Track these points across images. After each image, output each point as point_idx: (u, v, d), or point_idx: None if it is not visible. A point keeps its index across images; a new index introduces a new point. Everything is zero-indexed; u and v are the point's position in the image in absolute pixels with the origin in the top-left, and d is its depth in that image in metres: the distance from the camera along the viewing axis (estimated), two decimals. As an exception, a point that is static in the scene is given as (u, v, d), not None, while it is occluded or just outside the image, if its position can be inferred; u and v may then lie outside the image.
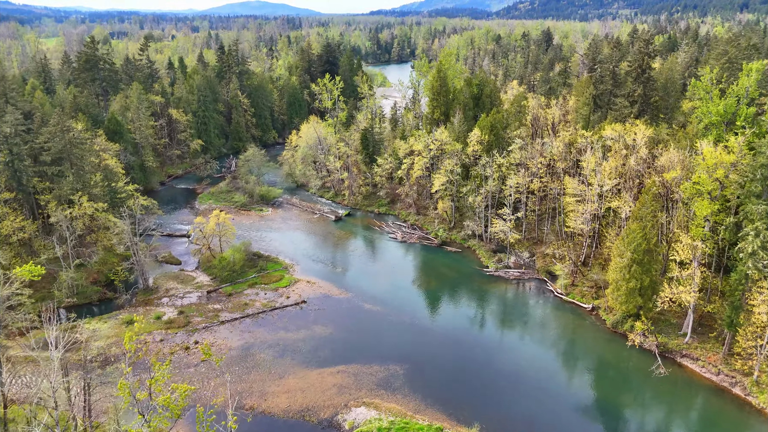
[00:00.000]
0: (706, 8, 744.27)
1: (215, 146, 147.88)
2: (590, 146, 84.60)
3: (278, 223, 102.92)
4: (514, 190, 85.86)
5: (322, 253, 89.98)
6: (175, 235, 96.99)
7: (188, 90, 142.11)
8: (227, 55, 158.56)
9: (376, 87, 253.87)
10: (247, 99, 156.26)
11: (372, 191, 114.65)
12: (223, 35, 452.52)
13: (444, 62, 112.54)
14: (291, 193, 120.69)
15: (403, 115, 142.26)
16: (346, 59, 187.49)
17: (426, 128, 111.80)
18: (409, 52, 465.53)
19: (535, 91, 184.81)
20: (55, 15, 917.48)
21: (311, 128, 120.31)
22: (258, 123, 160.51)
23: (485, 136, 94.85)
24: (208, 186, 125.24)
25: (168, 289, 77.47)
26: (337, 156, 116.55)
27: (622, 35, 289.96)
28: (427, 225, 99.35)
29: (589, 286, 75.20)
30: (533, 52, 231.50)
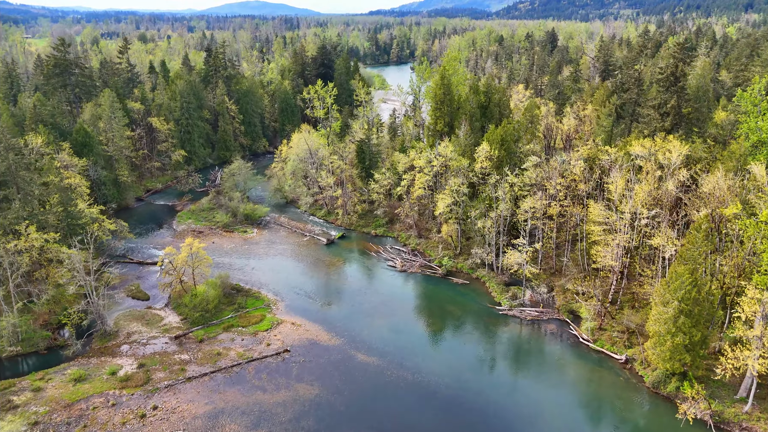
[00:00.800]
0: (710, 8, 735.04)
1: (200, 157, 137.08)
2: (617, 165, 73.89)
3: (263, 247, 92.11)
4: (530, 215, 75.07)
5: (310, 286, 79.16)
6: (146, 262, 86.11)
7: (170, 96, 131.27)
8: (213, 57, 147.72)
9: (374, 91, 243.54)
10: (235, 105, 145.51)
11: (368, 209, 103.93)
12: (218, 36, 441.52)
13: (447, 67, 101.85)
14: (279, 210, 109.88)
15: (403, 124, 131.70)
16: (342, 62, 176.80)
17: (428, 140, 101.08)
18: (409, 53, 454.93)
19: (543, 96, 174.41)
20: (52, 15, 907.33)
21: (302, 139, 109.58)
22: (247, 131, 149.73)
23: (495, 151, 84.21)
24: (190, 202, 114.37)
25: (130, 333, 66.62)
26: (330, 171, 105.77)
27: (627, 36, 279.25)
28: (430, 250, 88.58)
29: (619, 331, 64.46)
30: (539, 55, 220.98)
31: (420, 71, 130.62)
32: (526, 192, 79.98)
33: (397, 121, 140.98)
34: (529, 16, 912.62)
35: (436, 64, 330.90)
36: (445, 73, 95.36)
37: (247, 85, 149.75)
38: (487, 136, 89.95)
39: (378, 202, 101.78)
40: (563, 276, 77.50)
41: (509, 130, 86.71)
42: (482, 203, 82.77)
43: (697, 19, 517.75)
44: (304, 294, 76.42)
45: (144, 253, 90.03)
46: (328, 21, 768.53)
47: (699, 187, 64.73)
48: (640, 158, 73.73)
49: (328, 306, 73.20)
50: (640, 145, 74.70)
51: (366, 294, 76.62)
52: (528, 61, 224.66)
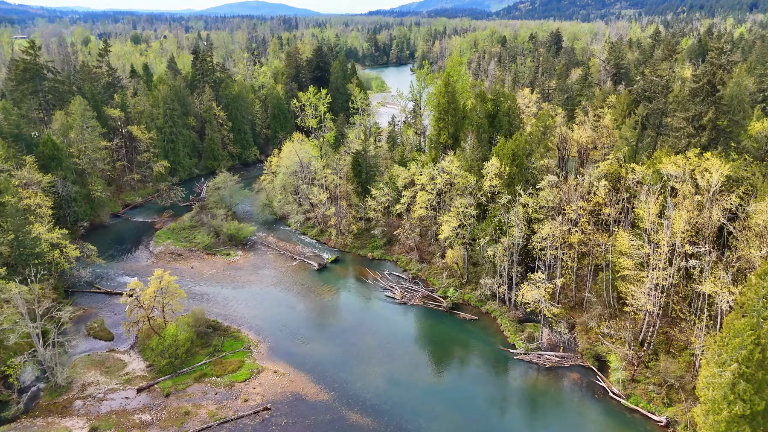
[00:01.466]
0: (713, 8, 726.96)
1: (185, 167, 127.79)
2: (647, 186, 64.62)
3: (247, 273, 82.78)
4: (549, 244, 65.77)
5: (297, 322, 69.82)
6: (115, 292, 76.76)
7: (152, 102, 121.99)
8: (200, 61, 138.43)
9: (372, 94, 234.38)
10: (223, 111, 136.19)
11: (365, 227, 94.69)
12: (213, 36, 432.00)
13: (452, 73, 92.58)
14: (268, 228, 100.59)
15: (403, 132, 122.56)
16: (339, 65, 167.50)
17: (430, 153, 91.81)
18: (408, 53, 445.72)
19: (552, 101, 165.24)
20: (51, 15, 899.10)
21: (292, 150, 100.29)
22: (236, 139, 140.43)
23: (505, 167, 74.97)
24: (171, 218, 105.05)
25: (86, 385, 57.33)
26: (323, 186, 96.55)
27: (635, 37, 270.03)
28: (434, 278, 79.31)
29: (656, 383, 55.20)
30: (544, 57, 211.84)
31: (421, 75, 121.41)
32: (542, 215, 70.77)
33: (396, 128, 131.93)
34: (529, 16, 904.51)
35: (436, 66, 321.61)
36: (449, 79, 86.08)
37: (236, 90, 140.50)
38: (496, 149, 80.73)
39: (375, 220, 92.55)
40: (585, 311, 68.23)
41: (521, 144, 77.46)
42: (491, 226, 73.63)
43: (703, 19, 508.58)
44: (289, 332, 67.09)
45: (114, 281, 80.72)
46: (327, 21, 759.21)
47: (749, 216, 55.45)
48: (674, 178, 64.51)
49: (316, 349, 63.86)
50: (673, 163, 65.50)
51: (361, 333, 67.27)
52: (533, 63, 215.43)
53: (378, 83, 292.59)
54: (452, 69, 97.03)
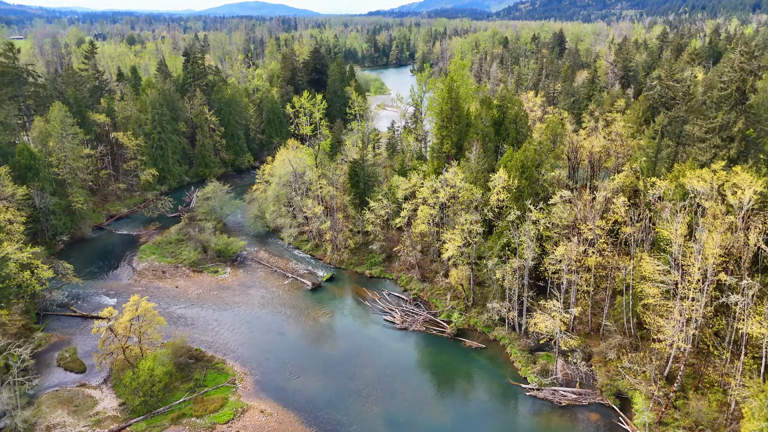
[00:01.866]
0: (716, 8, 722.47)
1: (174, 175, 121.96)
2: (670, 204, 58.85)
3: (235, 294, 76.92)
4: (564, 268, 59.90)
5: (287, 350, 63.96)
6: (91, 316, 70.93)
7: (140, 107, 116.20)
8: (191, 63, 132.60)
9: (372, 96, 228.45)
10: (215, 116, 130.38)
11: (363, 241, 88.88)
12: (211, 37, 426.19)
13: (455, 77, 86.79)
14: (259, 241, 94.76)
15: (403, 138, 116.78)
16: (336, 67, 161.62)
17: (432, 163, 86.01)
18: (408, 54, 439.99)
19: (557, 105, 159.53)
20: (50, 15, 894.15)
21: (286, 159, 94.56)
22: (229, 145, 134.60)
23: (514, 180, 69.18)
24: (157, 230, 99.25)
25: (51, 427, 51.49)
26: (319, 198, 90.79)
27: (641, 38, 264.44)
28: (436, 299, 73.49)
29: (686, 427, 49.38)
30: (548, 58, 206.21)
31: (422, 79, 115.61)
32: (554, 234, 65.02)
33: (396, 134, 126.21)
34: (530, 16, 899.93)
35: (437, 67, 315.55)
36: (453, 85, 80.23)
37: (229, 94, 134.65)
38: (503, 160, 75.01)
39: (374, 234, 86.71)
40: (602, 338, 62.42)
41: (530, 155, 71.66)
42: (499, 243, 67.94)
43: (706, 20, 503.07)
44: (279, 363, 61.22)
45: (92, 302, 74.86)
46: (326, 22, 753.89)
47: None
48: (700, 195, 58.71)
49: (308, 382, 58.01)
50: (698, 177, 59.73)
51: (357, 364, 61.39)
52: (537, 65, 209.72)
53: (377, 85, 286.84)
54: (455, 73, 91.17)
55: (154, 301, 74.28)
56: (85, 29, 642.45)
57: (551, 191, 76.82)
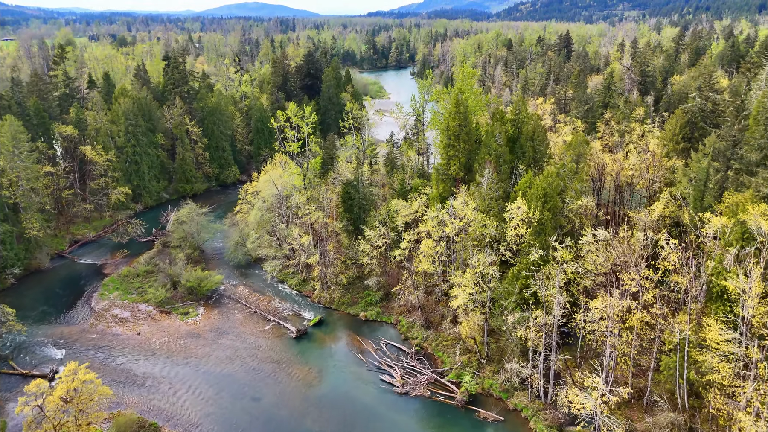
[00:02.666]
0: (720, 9, 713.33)
1: (151, 192, 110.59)
2: (734, 249, 47.55)
3: (206, 343, 65.48)
4: (607, 330, 48.54)
5: (262, 425, 52.47)
6: (32, 374, 59.54)
7: (112, 118, 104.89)
8: (171, 68, 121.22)
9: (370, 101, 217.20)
10: (198, 127, 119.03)
11: (357, 275, 77.60)
12: (205, 38, 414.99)
13: (463, 87, 75.54)
14: (240, 273, 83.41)
15: (403, 152, 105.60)
16: (331, 72, 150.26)
17: (437, 186, 74.64)
18: (408, 56, 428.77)
19: (568, 112, 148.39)
20: (47, 16, 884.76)
21: (270, 179, 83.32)
22: (213, 157, 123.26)
23: (535, 211, 57.91)
24: (126, 259, 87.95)
25: None
26: (307, 225, 79.48)
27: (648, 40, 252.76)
28: (443, 352, 62.13)
29: None
30: (555, 62, 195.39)
31: (424, 87, 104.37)
32: (587, 281, 53.77)
33: (395, 147, 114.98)
34: (530, 17, 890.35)
35: (438, 70, 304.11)
36: (461, 98, 68.84)
37: (214, 102, 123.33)
38: (521, 186, 63.86)
39: (369, 267, 75.35)
40: (647, 410, 51.06)
41: (554, 181, 60.38)
42: (517, 284, 56.85)
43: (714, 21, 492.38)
44: (252, 444, 49.85)
45: (37, 355, 63.47)
46: (325, 23, 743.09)
47: None
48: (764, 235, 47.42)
49: (286, 472, 46.57)
50: (761, 214, 48.46)
51: (347, 444, 49.98)
52: (544, 68, 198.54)
53: (376, 89, 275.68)
54: (463, 83, 79.73)
55: (111, 352, 63.11)
56: (80, 30, 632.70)
57: (578, 223, 65.60)
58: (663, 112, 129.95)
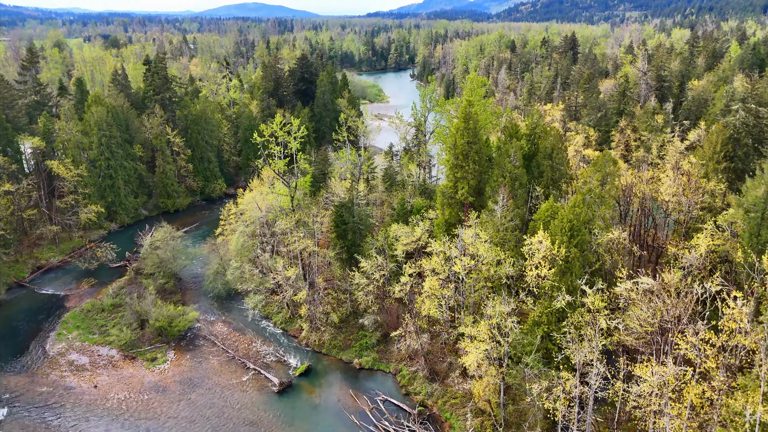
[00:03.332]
0: (724, 10, 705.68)
1: (128, 209, 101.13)
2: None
3: (173, 400, 55.97)
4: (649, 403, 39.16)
5: None
6: (-38, 442, 50.13)
7: (84, 128, 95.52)
8: (152, 73, 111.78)
9: (368, 106, 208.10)
10: (180, 137, 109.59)
11: (351, 310, 68.24)
12: (199, 39, 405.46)
13: (472, 98, 66.17)
14: (219, 306, 73.99)
15: (403, 164, 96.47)
16: (327, 76, 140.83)
17: (442, 212, 65.27)
18: (408, 58, 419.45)
19: (579, 119, 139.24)
20: (46, 16, 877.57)
21: (254, 200, 73.92)
22: (197, 170, 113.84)
23: (561, 248, 48.57)
24: (93, 289, 78.52)
25: None
26: (295, 255, 70.07)
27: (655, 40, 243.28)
28: (451, 413, 52.71)
29: None
30: (562, 65, 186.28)
31: (426, 94, 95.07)
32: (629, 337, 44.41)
33: (394, 158, 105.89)
34: (531, 18, 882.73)
35: (439, 73, 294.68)
36: (470, 113, 59.37)
37: (199, 109, 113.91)
38: (541, 215, 54.72)
39: (365, 304, 65.98)
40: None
41: (582, 212, 51.02)
42: (538, 331, 47.70)
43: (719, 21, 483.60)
44: None
45: (-28, 415, 54.01)
46: (324, 23, 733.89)
47: None
48: None
49: None
50: None
51: None
52: (551, 72, 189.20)
53: (375, 92, 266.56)
54: (472, 93, 70.15)
55: (61, 411, 53.79)
56: (76, 31, 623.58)
57: (608, 261, 56.32)
58: (683, 120, 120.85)
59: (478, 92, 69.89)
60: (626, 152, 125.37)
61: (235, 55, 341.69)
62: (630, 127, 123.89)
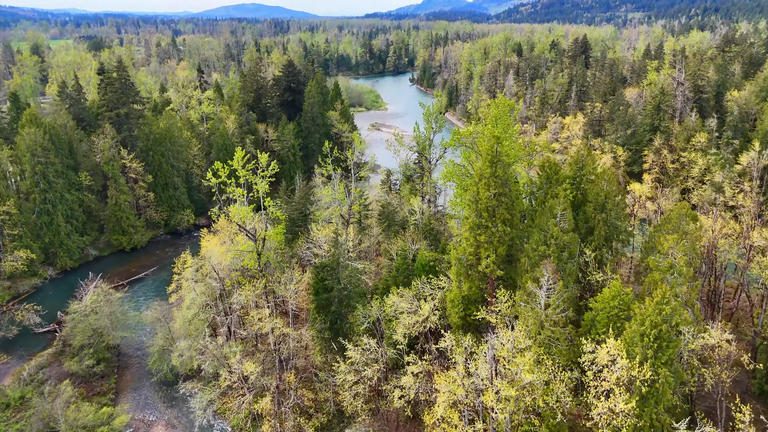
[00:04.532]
0: (730, 11, 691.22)
1: (71, 250, 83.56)
2: None
3: None
4: None
5: None
6: None
7: (14, 155, 78.20)
8: (105, 84, 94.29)
9: (364, 113, 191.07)
10: (139, 162, 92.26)
11: (335, 411, 50.91)
12: (189, 41, 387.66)
13: (498, 130, 48.79)
14: (163, 396, 56.56)
15: (404, 197, 79.39)
16: (315, 85, 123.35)
17: (459, 286, 47.83)
18: (407, 61, 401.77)
19: (604, 136, 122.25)
20: (42, 17, 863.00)
21: (210, 257, 56.59)
22: (161, 198, 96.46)
23: (645, 371, 31.28)
24: (7, 366, 61.10)
25: None
26: (259, 336, 52.66)
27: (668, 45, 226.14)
28: None
29: None
30: (578, 71, 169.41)
31: (430, 114, 77.87)
32: None
33: (393, 186, 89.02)
34: (531, 19, 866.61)
35: (440, 78, 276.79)
36: (497, 150, 41.98)
37: (163, 127, 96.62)
38: (605, 303, 38.12)
39: (353, 408, 48.63)
40: None
41: (671, 309, 33.85)
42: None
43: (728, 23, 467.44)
44: None
45: None
46: (321, 24, 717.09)
47: None
48: None
49: None
50: None
51: None
52: (565, 79, 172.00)
53: (372, 98, 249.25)
54: (499, 122, 52.21)
55: None
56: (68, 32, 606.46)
57: (710, 378, 39.07)
58: (731, 139, 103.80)
59: (504, 121, 52.18)
60: (661, 175, 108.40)
61: (225, 57, 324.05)
62: (666, 146, 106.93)
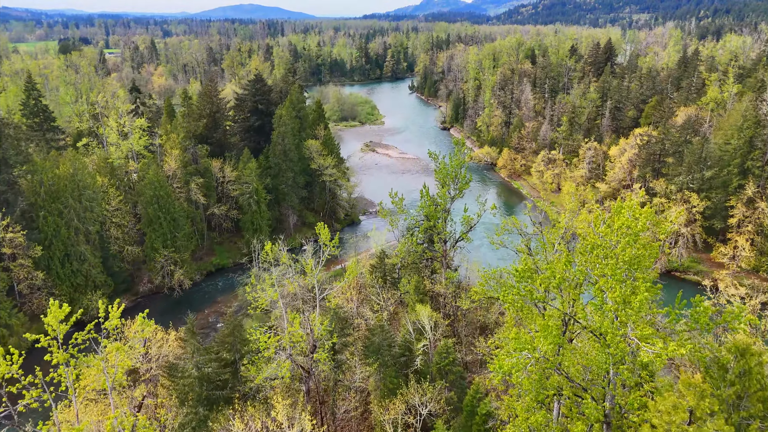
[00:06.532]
0: (742, 12, 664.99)
1: None
2: None
3: None
4: None
5: None
6: None
7: None
8: None
9: (356, 128, 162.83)
10: (20, 227, 63.53)
11: None
12: (170, 44, 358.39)
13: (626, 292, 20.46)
14: None
15: (406, 339, 51.08)
16: (289, 108, 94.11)
17: None
18: (406, 66, 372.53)
19: (669, 178, 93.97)
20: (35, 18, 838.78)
21: None
22: (59, 276, 67.57)
23: None
24: None
25: None
26: None
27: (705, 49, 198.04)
28: None
29: None
30: (614, 84, 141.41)
31: (446, 172, 49.44)
32: None
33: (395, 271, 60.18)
34: (532, 20, 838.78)
35: (443, 86, 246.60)
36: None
37: (65, 173, 67.83)
38: None
39: None
40: None
41: None
42: None
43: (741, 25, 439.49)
44: None
45: None
46: (317, 25, 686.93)
47: None
48: None
49: None
50: None
51: None
52: (596, 93, 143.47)
53: (367, 110, 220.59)
54: (637, 266, 23.23)
55: None
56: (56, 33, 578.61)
57: None
58: None
59: (644, 263, 22.82)
60: (756, 236, 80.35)
61: (208, 62, 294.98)
62: (764, 198, 78.80)
